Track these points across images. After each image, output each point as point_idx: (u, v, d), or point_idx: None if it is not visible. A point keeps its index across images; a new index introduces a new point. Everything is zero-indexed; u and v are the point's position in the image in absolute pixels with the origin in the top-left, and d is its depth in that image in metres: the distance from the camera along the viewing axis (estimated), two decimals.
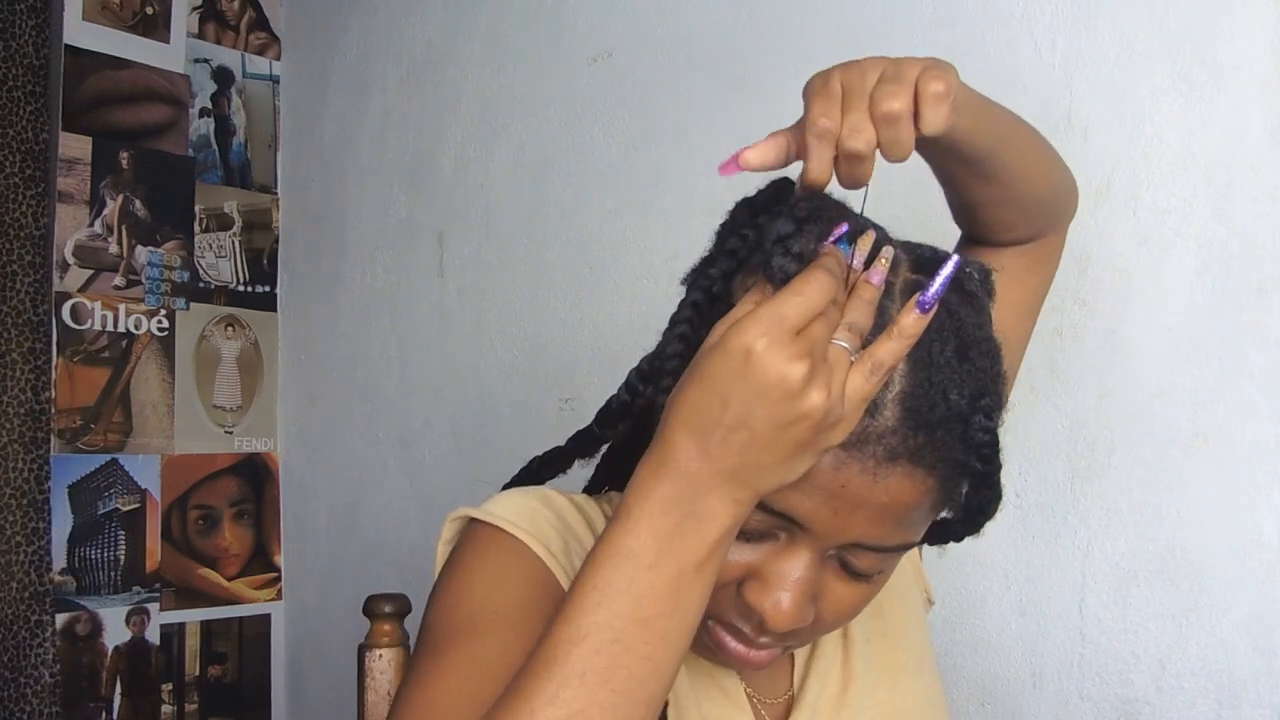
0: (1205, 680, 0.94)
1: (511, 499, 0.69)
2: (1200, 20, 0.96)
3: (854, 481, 0.54)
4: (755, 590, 0.58)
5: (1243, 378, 0.93)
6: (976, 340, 0.57)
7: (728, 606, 0.60)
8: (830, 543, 0.57)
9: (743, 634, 0.60)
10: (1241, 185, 0.93)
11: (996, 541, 1.07)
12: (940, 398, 0.54)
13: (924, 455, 0.55)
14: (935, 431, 0.54)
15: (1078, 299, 1.02)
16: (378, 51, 1.94)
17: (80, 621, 1.85)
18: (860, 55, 0.58)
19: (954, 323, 0.56)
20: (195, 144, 2.05)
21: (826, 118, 0.54)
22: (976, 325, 0.58)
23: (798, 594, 0.57)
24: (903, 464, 0.54)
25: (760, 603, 0.57)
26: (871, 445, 0.54)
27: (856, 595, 0.61)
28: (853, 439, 0.53)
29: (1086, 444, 1.01)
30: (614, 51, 1.50)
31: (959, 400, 0.55)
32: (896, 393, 0.54)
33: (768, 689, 0.72)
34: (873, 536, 0.57)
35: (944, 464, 0.56)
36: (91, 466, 1.88)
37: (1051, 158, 0.74)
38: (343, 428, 1.97)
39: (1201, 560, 0.94)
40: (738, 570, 0.58)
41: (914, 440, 0.54)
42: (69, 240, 1.87)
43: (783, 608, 0.57)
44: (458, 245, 1.76)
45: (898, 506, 0.55)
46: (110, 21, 1.94)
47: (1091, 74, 1.03)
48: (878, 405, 0.53)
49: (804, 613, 0.58)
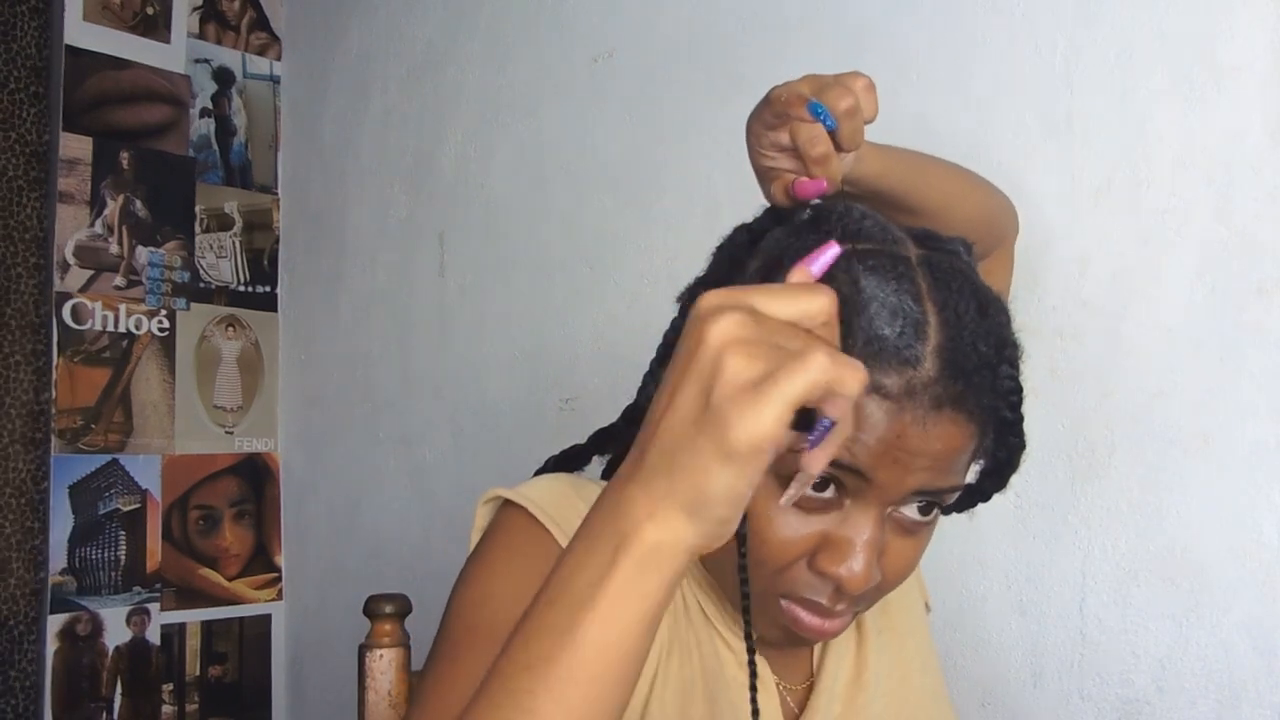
0: (1205, 680, 0.94)
1: (544, 483, 0.70)
2: (1200, 20, 0.96)
3: (908, 431, 0.57)
4: (829, 558, 0.60)
5: (1243, 378, 0.93)
6: (991, 299, 0.62)
7: (799, 582, 0.62)
8: (893, 496, 0.59)
9: (818, 605, 0.62)
10: (1241, 185, 0.93)
11: (996, 541, 1.07)
12: (971, 348, 0.58)
13: (965, 401, 0.58)
14: (971, 378, 0.58)
15: (1078, 299, 1.02)
16: (378, 51, 1.94)
17: (81, 622, 1.85)
18: (860, 55, 0.59)
19: (969, 284, 0.61)
20: (196, 144, 2.05)
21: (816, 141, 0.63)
22: (984, 285, 0.63)
23: (870, 554, 0.59)
24: (948, 411, 0.58)
25: (835, 569, 0.59)
26: (919, 395, 0.57)
27: (913, 549, 0.64)
28: (901, 391, 0.57)
29: (1087, 444, 1.01)
30: (614, 51, 1.50)
31: (987, 350, 0.59)
32: (933, 346, 0.57)
33: (788, 674, 0.74)
34: (930, 483, 0.59)
35: (981, 410, 0.59)
36: (92, 467, 1.88)
37: (975, 186, 0.81)
38: (343, 428, 1.97)
39: (1202, 560, 0.94)
40: (807, 543, 0.60)
41: (954, 388, 0.58)
42: (69, 240, 1.87)
43: (857, 570, 0.59)
44: (458, 245, 1.76)
45: (948, 453, 0.59)
46: (111, 22, 1.95)
47: (1091, 74, 1.03)
48: (918, 359, 0.57)
49: (875, 572, 0.60)
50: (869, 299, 0.57)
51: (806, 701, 0.73)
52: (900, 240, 0.62)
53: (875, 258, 0.59)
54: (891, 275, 0.58)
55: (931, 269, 0.60)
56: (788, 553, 0.60)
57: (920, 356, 0.57)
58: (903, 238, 0.62)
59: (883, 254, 0.59)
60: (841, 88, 0.62)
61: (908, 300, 0.57)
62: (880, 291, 0.57)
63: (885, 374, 0.56)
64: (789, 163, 0.65)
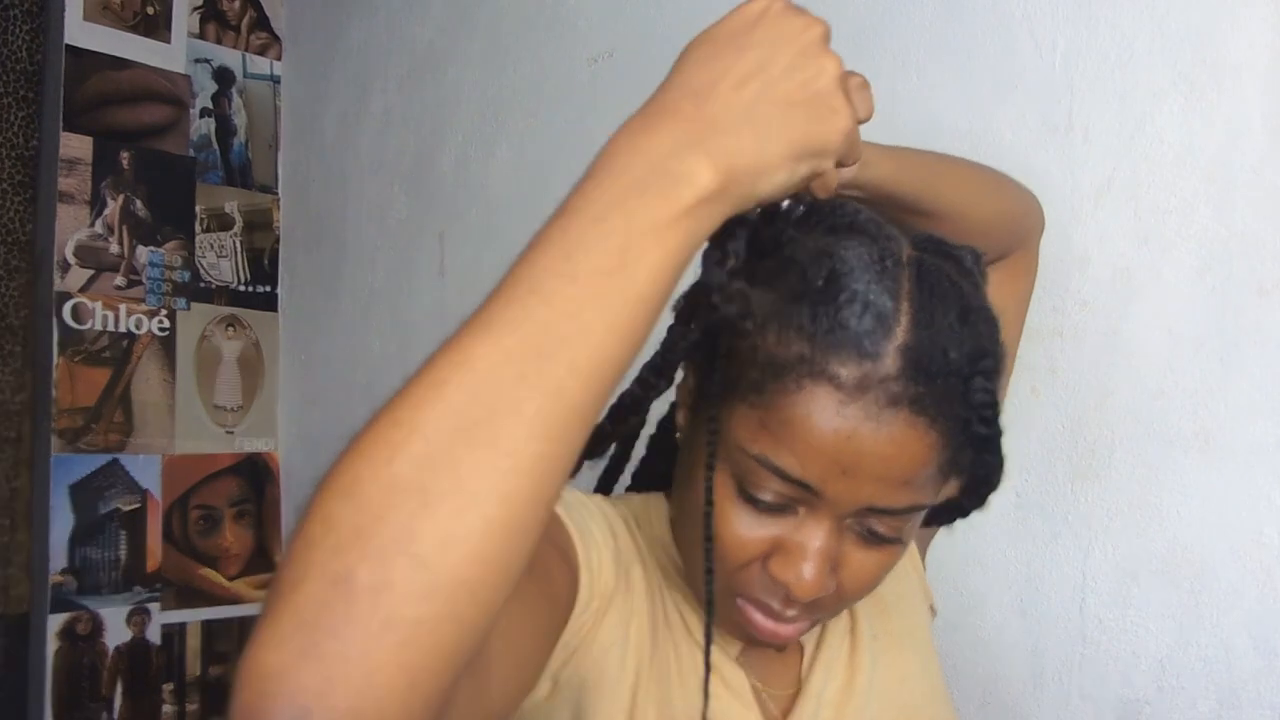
0: (1205, 680, 0.94)
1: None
2: (1200, 20, 0.96)
3: (860, 430, 0.55)
4: (779, 563, 0.60)
5: (1243, 378, 0.93)
6: (976, 308, 0.60)
7: (754, 583, 0.62)
8: (845, 508, 0.58)
9: (771, 609, 0.62)
10: (1241, 185, 0.93)
11: (996, 541, 1.07)
12: (940, 353, 0.56)
13: (925, 405, 0.56)
14: (935, 381, 0.56)
15: (1078, 299, 1.02)
16: (378, 52, 1.94)
17: (81, 621, 1.85)
18: (860, 55, 0.59)
19: (956, 291, 0.59)
20: (196, 144, 2.05)
21: None
22: (976, 296, 0.61)
23: (819, 562, 0.59)
24: (904, 412, 0.55)
25: (784, 574, 0.59)
26: (873, 390, 0.55)
27: (876, 562, 0.62)
28: (854, 383, 0.55)
29: (1087, 444, 1.01)
30: (614, 51, 1.50)
31: (958, 359, 0.57)
32: (899, 344, 0.56)
33: (776, 681, 0.73)
34: (884, 498, 0.58)
35: (945, 419, 0.57)
36: (92, 466, 1.88)
37: (996, 184, 0.79)
38: (343, 428, 1.95)
39: (1202, 560, 0.94)
40: (762, 546, 0.60)
41: (914, 388, 0.56)
42: (70, 240, 1.88)
43: (805, 578, 0.59)
44: (458, 245, 1.76)
45: (904, 461, 0.56)
46: (111, 22, 1.95)
47: (1091, 74, 1.02)
48: (878, 354, 0.55)
49: (827, 581, 0.60)
50: (842, 288, 0.56)
51: (792, 708, 0.72)
52: (894, 239, 0.61)
53: (863, 251, 0.58)
54: (874, 269, 0.57)
55: (920, 270, 0.59)
56: (743, 552, 0.60)
57: (881, 351, 0.55)
58: (897, 237, 0.61)
59: (873, 249, 0.59)
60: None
61: (883, 296, 0.56)
62: (856, 283, 0.56)
63: (842, 364, 0.55)
64: None
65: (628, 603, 0.66)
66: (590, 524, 0.66)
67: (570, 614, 0.61)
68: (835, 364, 0.55)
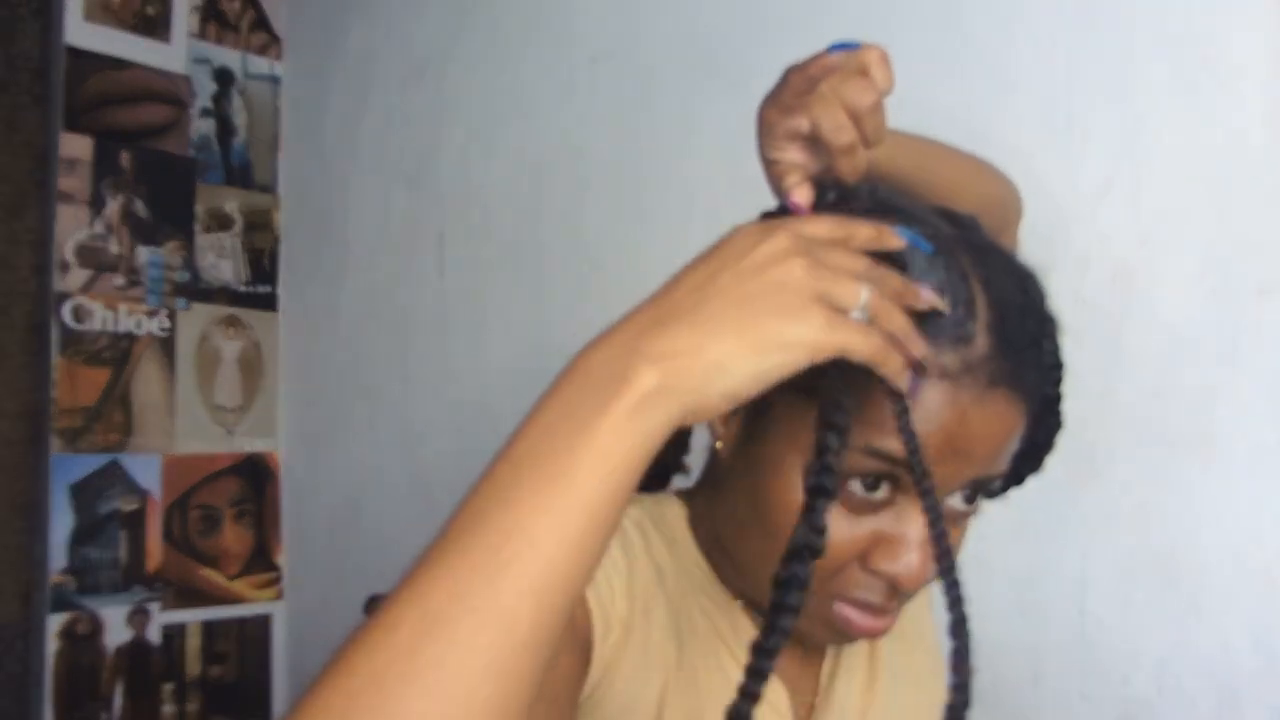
0: (1205, 680, 0.94)
1: None
2: (1200, 20, 0.96)
3: (969, 413, 0.56)
4: (883, 557, 0.59)
5: (1243, 378, 0.93)
6: (1027, 275, 0.61)
7: (852, 583, 0.60)
8: (950, 488, 0.58)
9: (871, 605, 0.61)
10: (1241, 185, 0.93)
11: (996, 541, 1.07)
12: (1018, 324, 0.58)
13: (1018, 379, 0.57)
14: (1022, 354, 0.57)
15: (1078, 299, 1.02)
16: (379, 52, 1.94)
17: (81, 621, 1.85)
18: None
19: (1003, 260, 0.60)
20: (196, 144, 2.05)
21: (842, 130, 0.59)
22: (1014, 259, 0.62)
23: (925, 549, 0.58)
24: (1003, 389, 0.56)
25: (892, 567, 0.58)
26: (975, 372, 0.56)
27: (957, 537, 0.63)
28: (957, 369, 0.55)
29: (1087, 444, 1.01)
30: (614, 51, 1.50)
31: (1033, 326, 0.59)
32: (984, 322, 0.56)
33: (799, 688, 0.72)
34: (983, 471, 0.58)
35: (1030, 388, 0.58)
36: (92, 467, 1.88)
37: (979, 170, 0.80)
38: (343, 428, 1.97)
39: (1202, 560, 0.94)
40: (859, 545, 0.59)
41: (1007, 364, 0.56)
42: (70, 240, 1.88)
43: (914, 567, 0.58)
44: (458, 245, 1.76)
45: (1004, 434, 0.58)
46: (111, 22, 1.95)
47: (1091, 74, 1.02)
48: (971, 336, 0.56)
49: (932, 566, 0.59)
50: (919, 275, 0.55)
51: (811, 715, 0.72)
52: (934, 219, 0.61)
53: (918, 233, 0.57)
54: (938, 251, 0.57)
55: (970, 246, 0.59)
56: (843, 555, 0.59)
57: (973, 333, 0.56)
58: (934, 217, 0.61)
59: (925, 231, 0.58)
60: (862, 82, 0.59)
61: (955, 277, 0.56)
62: (930, 268, 0.56)
63: (942, 353, 0.55)
64: (801, 155, 0.62)
65: (647, 620, 0.65)
66: None
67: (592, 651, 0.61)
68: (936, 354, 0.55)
